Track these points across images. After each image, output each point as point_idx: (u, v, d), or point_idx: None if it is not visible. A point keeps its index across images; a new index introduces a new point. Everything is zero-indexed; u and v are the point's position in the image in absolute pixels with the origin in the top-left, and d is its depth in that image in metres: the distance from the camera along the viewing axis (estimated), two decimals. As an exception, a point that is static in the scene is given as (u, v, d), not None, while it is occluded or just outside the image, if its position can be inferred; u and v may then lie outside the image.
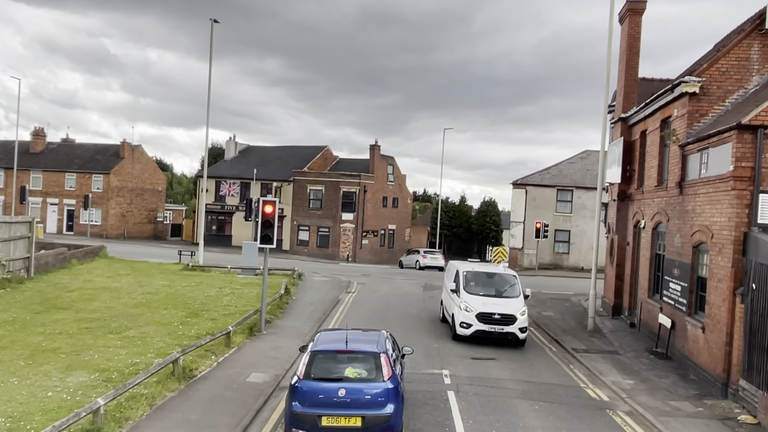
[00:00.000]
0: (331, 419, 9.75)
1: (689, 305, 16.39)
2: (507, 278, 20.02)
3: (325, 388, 9.96)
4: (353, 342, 10.74)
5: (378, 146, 56.14)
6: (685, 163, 17.24)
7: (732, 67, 17.21)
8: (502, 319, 18.18)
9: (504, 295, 19.25)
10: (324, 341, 11.04)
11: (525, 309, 18.72)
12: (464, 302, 18.65)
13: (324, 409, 9.78)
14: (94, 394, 11.47)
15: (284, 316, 21.58)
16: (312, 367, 10.23)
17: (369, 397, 9.91)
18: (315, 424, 9.73)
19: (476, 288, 19.34)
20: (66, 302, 20.87)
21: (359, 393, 9.93)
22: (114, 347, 15.30)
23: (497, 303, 18.64)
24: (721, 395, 13.88)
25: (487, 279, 19.95)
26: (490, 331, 18.16)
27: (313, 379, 10.08)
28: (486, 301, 18.61)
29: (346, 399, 9.84)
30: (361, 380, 10.15)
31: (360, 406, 9.83)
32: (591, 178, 48.89)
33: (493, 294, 19.22)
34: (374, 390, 9.99)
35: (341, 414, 9.77)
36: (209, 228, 58.94)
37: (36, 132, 64.14)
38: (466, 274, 19.77)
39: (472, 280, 19.61)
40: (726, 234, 14.17)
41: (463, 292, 19.07)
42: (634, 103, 23.52)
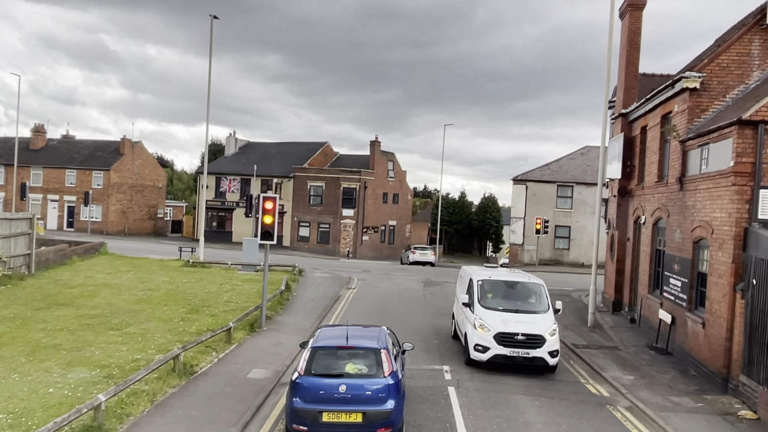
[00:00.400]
0: (332, 415, 9.73)
1: (689, 301, 16.39)
2: (532, 288, 16.65)
3: (325, 384, 9.96)
4: (354, 338, 10.74)
5: (378, 142, 56.12)
6: (686, 158, 17.22)
7: (733, 62, 17.17)
8: (527, 340, 14.74)
9: (529, 310, 15.85)
10: (324, 337, 11.04)
11: (556, 327, 15.30)
12: (479, 319, 15.31)
13: (325, 405, 9.77)
14: (95, 390, 11.49)
15: (285, 312, 21.60)
16: (313, 363, 10.23)
17: (370, 393, 9.91)
18: (316, 420, 9.71)
19: (494, 301, 16.01)
20: (67, 299, 20.89)
21: (360, 389, 9.93)
22: (115, 343, 15.32)
23: (521, 320, 15.22)
24: (721, 391, 13.89)
25: (507, 289, 16.63)
26: (512, 356, 14.72)
27: (313, 375, 10.08)
28: (506, 317, 15.24)
29: (347, 395, 9.84)
30: (362, 376, 10.15)
31: (361, 402, 9.83)
32: (591, 173, 48.86)
33: (515, 308, 15.78)
34: (375, 386, 10.00)
35: (342, 410, 9.76)
36: (209, 224, 58.96)
37: (36, 128, 64.12)
38: (482, 284, 16.36)
39: (489, 291, 16.28)
40: (726, 229, 14.16)
41: (478, 307, 15.70)
42: (634, 98, 23.49)
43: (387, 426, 9.87)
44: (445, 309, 24.16)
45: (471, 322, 15.58)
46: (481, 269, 18.62)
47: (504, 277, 17.20)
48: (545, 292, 16.43)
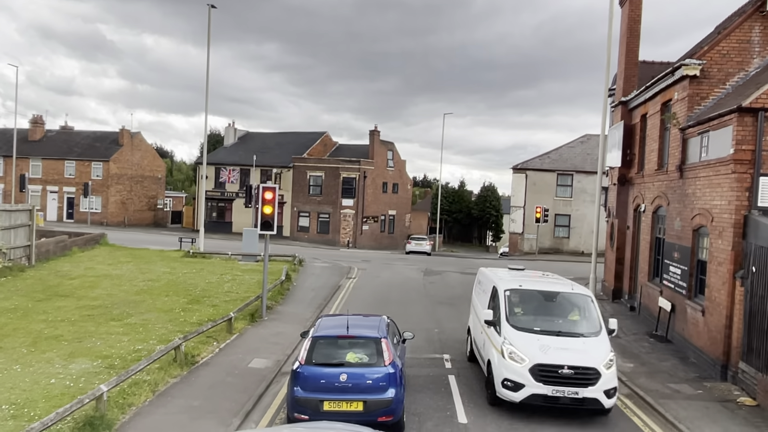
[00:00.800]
0: (333, 404, 9.77)
1: (689, 288, 16.42)
2: (577, 301, 12.59)
3: (326, 373, 10.01)
4: (354, 327, 10.76)
5: (378, 132, 56.03)
6: (686, 146, 17.19)
7: (733, 49, 17.11)
8: (575, 375, 10.93)
9: (575, 332, 11.90)
10: (325, 327, 11.08)
11: (613, 356, 11.47)
12: (509, 345, 11.36)
13: (326, 394, 9.82)
14: (97, 381, 11.53)
15: (285, 302, 21.64)
16: (313, 353, 10.28)
17: (370, 382, 9.94)
18: (317, 409, 9.72)
19: (528, 319, 12.11)
20: (67, 290, 20.93)
21: (361, 378, 9.96)
22: (116, 334, 15.36)
23: (565, 346, 11.34)
24: (720, 378, 13.94)
25: (544, 303, 12.64)
26: (554, 397, 10.91)
27: (314, 365, 10.12)
28: (546, 342, 11.35)
29: (348, 384, 9.89)
30: (363, 365, 10.19)
31: (361, 391, 9.87)
32: (591, 162, 48.83)
33: (556, 330, 11.81)
34: (375, 375, 10.03)
35: (343, 399, 9.80)
36: (209, 215, 58.94)
37: (35, 120, 63.97)
38: (510, 296, 12.43)
39: (521, 306, 12.39)
40: (726, 217, 14.16)
41: (506, 327, 11.76)
42: (634, 86, 23.42)
43: (388, 414, 9.90)
44: (445, 298, 24.24)
45: (497, 347, 11.62)
46: (507, 273, 14.40)
47: (539, 285, 13.11)
48: (595, 306, 12.50)
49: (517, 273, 14.53)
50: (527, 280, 13.39)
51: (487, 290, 13.84)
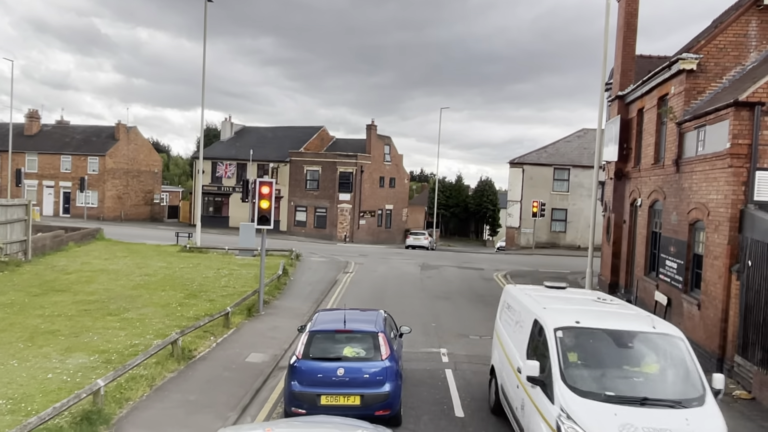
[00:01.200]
0: (330, 398, 9.77)
1: (685, 282, 16.46)
2: (664, 347, 8.44)
3: (323, 367, 9.97)
4: (351, 322, 10.72)
5: (375, 126, 55.93)
6: (682, 140, 17.21)
7: (730, 43, 17.11)
8: None
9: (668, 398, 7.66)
10: (322, 321, 11.07)
11: None
12: (572, 425, 7.28)
13: (323, 388, 9.81)
14: (94, 376, 11.52)
15: (282, 297, 21.64)
16: (311, 347, 10.24)
17: (367, 376, 9.92)
18: (314, 403, 9.73)
19: (594, 375, 7.97)
20: (64, 284, 20.89)
21: (358, 372, 9.94)
22: (113, 329, 15.35)
23: (660, 426, 7.12)
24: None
25: (615, 349, 8.39)
26: None
27: (311, 359, 10.08)
28: (629, 419, 7.20)
29: (345, 378, 9.87)
30: (360, 359, 10.15)
31: (358, 385, 9.85)
32: (588, 156, 48.86)
33: (640, 396, 7.59)
34: (372, 369, 10.01)
35: (340, 393, 9.80)
36: (206, 209, 58.86)
37: (30, 114, 63.72)
38: (564, 339, 8.32)
39: (582, 354, 8.26)
40: (722, 211, 14.19)
41: (563, 391, 7.71)
42: (631, 80, 23.41)
43: (385, 408, 9.90)
44: (442, 293, 24.27)
45: (549, 422, 7.63)
46: (550, 298, 10.09)
47: (605, 320, 8.77)
48: (690, 352, 8.43)
49: (563, 296, 10.47)
50: (586, 312, 9.12)
51: (522, 323, 9.85)
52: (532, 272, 31.34)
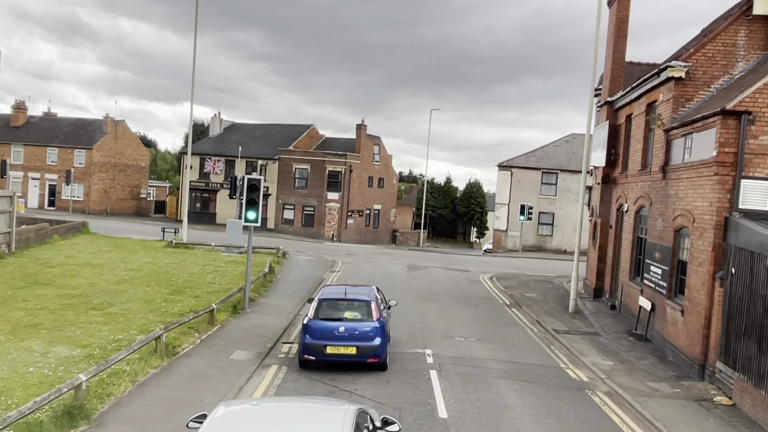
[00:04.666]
0: (334, 348, 12.86)
1: (669, 288, 16.59)
2: None
3: (329, 326, 13.07)
4: (350, 293, 14.00)
5: (365, 126, 55.88)
6: (670, 147, 17.34)
7: (718, 52, 17.26)
8: None
9: None
10: (328, 292, 14.46)
11: None
12: None
13: (328, 341, 12.89)
14: (76, 370, 11.43)
15: (268, 295, 21.57)
16: (319, 311, 13.38)
17: (362, 333, 12.99)
18: (322, 352, 12.83)
19: None
20: (47, 278, 20.70)
21: (354, 329, 13.02)
22: (96, 323, 15.22)
23: None
24: (698, 377, 14.12)
25: None
26: None
27: (320, 319, 13.21)
28: None
29: (345, 334, 12.95)
30: (356, 320, 13.26)
31: (355, 339, 12.91)
32: (576, 161, 49.09)
33: None
34: (366, 327, 13.09)
35: (341, 344, 12.87)
36: (193, 205, 58.52)
37: (17, 105, 63.05)
38: None
39: None
40: (707, 218, 14.31)
41: None
42: (620, 86, 23.55)
43: (374, 357, 12.96)
44: (428, 294, 24.29)
45: None
46: None
47: None
48: None
49: None
50: None
51: None
52: (518, 275, 31.45)
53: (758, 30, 17.03)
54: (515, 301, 23.73)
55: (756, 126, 13.64)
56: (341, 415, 6.43)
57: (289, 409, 7.25)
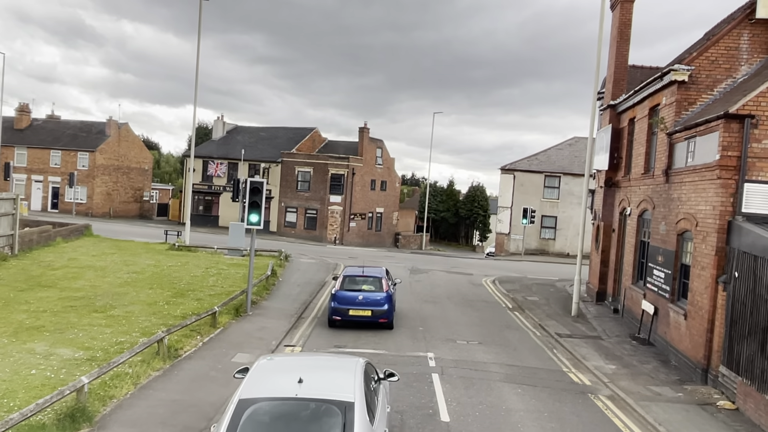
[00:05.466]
0: (354, 311, 17.52)
1: (672, 292, 16.55)
2: None
3: (351, 295, 17.83)
4: (367, 272, 19.06)
5: (367, 129, 55.94)
6: (672, 151, 17.32)
7: (721, 56, 17.24)
8: None
9: None
10: (350, 271, 19.28)
11: None
12: None
13: (350, 305, 17.57)
14: (78, 373, 11.44)
15: (270, 298, 21.57)
16: (344, 284, 18.25)
17: (375, 300, 17.69)
18: (346, 314, 17.55)
19: None
20: (50, 280, 20.74)
21: (370, 298, 17.75)
22: (99, 326, 15.24)
23: None
24: (701, 381, 14.08)
25: None
26: None
27: (345, 290, 17.98)
28: None
29: (363, 301, 17.67)
30: (371, 291, 18.01)
31: (370, 304, 17.63)
32: (579, 164, 49.08)
33: None
34: (378, 296, 17.85)
35: (360, 308, 17.55)
36: (196, 208, 58.61)
37: (21, 108, 63.25)
38: None
39: None
40: (710, 222, 14.28)
41: None
42: (623, 90, 23.55)
43: (384, 318, 17.66)
44: (431, 297, 24.27)
45: None
46: None
47: None
48: None
49: None
50: None
51: None
52: (521, 278, 31.42)
53: (761, 33, 17.00)
54: (518, 304, 23.70)
55: (759, 129, 13.61)
56: (354, 365, 8.25)
57: (315, 360, 10.14)
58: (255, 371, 7.93)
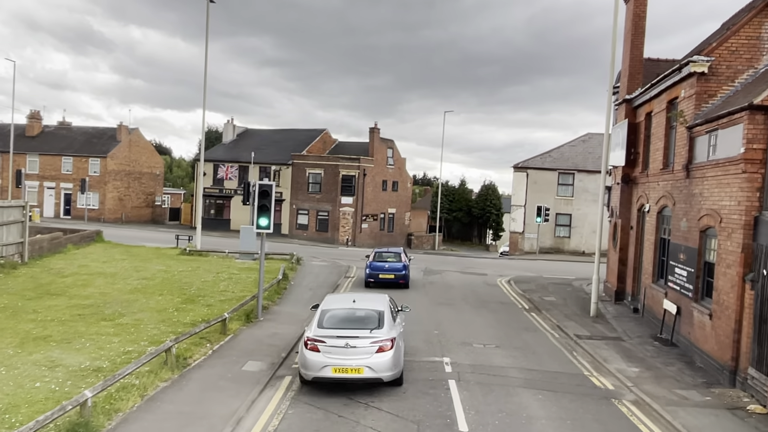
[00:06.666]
0: (383, 275, 25.26)
1: (696, 291, 16.00)
2: None
3: (380, 264, 25.66)
4: (389, 249, 28.10)
5: (377, 129, 55.55)
6: (693, 145, 16.76)
7: (742, 46, 16.67)
8: None
9: None
10: (378, 249, 27.96)
11: None
12: None
13: (380, 272, 25.42)
14: (84, 385, 11.10)
15: (282, 302, 21.21)
16: (375, 258, 26.15)
17: (396, 268, 25.48)
18: (377, 277, 25.21)
19: None
20: (59, 288, 20.49)
21: (393, 266, 25.61)
22: (107, 335, 14.92)
23: None
24: (729, 384, 13.52)
25: None
26: None
27: (376, 261, 25.87)
28: None
29: (388, 268, 25.46)
30: (393, 262, 25.86)
31: (393, 271, 25.44)
32: (593, 161, 48.38)
33: None
34: (398, 265, 25.70)
35: (386, 274, 25.30)
36: (207, 212, 58.52)
37: (32, 115, 63.46)
38: None
39: None
40: (736, 218, 13.73)
41: None
42: (639, 84, 22.98)
43: (402, 279, 25.51)
44: (445, 299, 23.81)
45: None
46: None
47: None
48: None
49: None
50: None
51: None
52: (536, 278, 30.87)
53: (784, 22, 16.42)
54: (534, 305, 23.18)
55: (786, 121, 13.04)
56: (383, 296, 14.30)
57: (361, 294, 15.91)
58: (327, 299, 14.00)
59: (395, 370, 12.10)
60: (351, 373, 11.68)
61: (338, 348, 11.74)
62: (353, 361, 11.71)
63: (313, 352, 11.82)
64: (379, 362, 11.75)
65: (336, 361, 11.69)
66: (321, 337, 11.92)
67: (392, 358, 11.93)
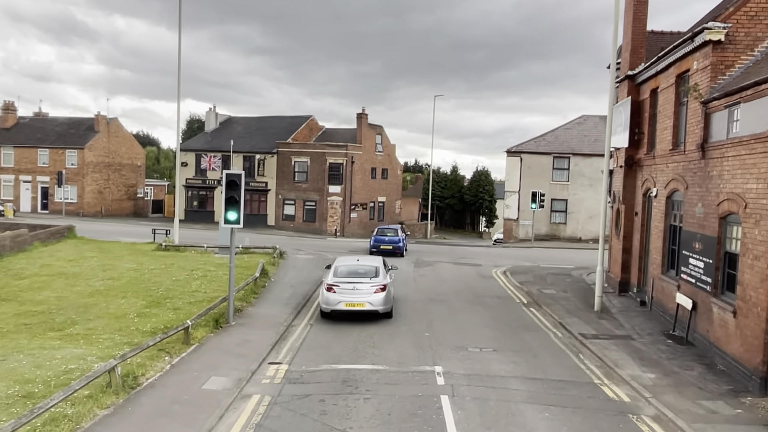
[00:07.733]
0: (384, 246, 33.37)
1: (715, 284, 14.32)
2: None
3: (381, 238, 34.35)
4: (389, 226, 38.05)
5: (365, 115, 53.50)
6: (709, 122, 15.03)
7: (762, 9, 14.92)
8: None
9: None
10: (379, 226, 38.23)
11: None
12: None
13: (381, 243, 33.66)
14: (6, 417, 9.29)
15: (258, 303, 19.41)
16: (377, 233, 35.06)
17: (393, 241, 33.98)
18: (378, 247, 33.17)
19: None
20: (12, 292, 18.63)
21: (391, 239, 34.11)
22: (50, 348, 13.08)
23: None
24: (759, 392, 11.87)
25: None
26: None
27: (377, 236, 34.63)
28: None
29: (387, 241, 33.91)
30: (391, 236, 34.47)
31: (391, 243, 33.73)
32: (589, 144, 46.71)
33: None
34: (395, 239, 34.19)
35: (386, 245, 33.54)
36: (190, 204, 56.44)
37: (6, 106, 61.00)
38: None
39: None
40: (764, 203, 12.02)
41: None
42: (642, 58, 21.23)
43: (398, 250, 33.67)
44: (437, 294, 22.08)
45: None
46: None
47: None
48: None
49: None
50: None
51: None
52: (533, 268, 29.22)
53: (810, -20, 14.65)
54: (533, 299, 21.50)
55: (825, 90, 11.32)
56: (379, 258, 19.90)
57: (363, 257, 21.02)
58: (338, 260, 19.21)
59: (387, 306, 17.32)
60: (357, 306, 16.83)
61: (348, 290, 16.90)
62: (359, 298, 16.85)
63: (331, 293, 16.95)
64: (376, 299, 16.93)
65: (347, 298, 16.82)
66: (336, 283, 17.11)
67: (385, 296, 17.17)
